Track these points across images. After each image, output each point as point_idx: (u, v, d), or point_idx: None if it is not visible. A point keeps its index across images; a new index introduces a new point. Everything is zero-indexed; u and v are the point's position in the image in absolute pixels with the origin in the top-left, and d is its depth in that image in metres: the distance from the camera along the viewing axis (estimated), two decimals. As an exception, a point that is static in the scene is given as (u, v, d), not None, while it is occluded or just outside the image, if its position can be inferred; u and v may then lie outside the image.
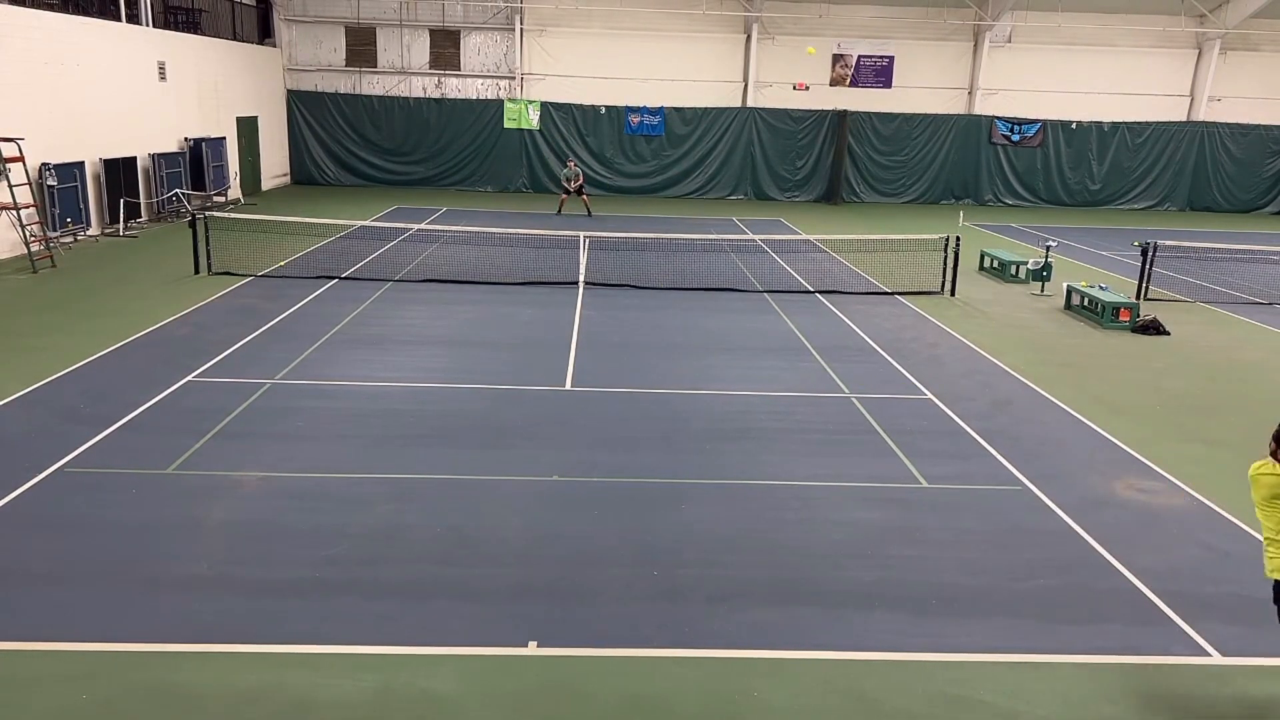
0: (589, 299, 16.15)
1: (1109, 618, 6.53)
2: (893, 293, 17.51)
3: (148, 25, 23.69)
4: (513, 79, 32.39)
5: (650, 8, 31.39)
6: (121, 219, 21.19)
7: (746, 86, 32.57)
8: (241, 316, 14.11)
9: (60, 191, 19.12)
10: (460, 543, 7.32)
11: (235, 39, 28.94)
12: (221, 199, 25.98)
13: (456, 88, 32.58)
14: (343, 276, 17.23)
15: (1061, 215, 31.71)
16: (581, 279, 17.67)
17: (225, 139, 26.96)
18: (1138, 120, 33.29)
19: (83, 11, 21.21)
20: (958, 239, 17.66)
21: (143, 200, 22.63)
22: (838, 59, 32.77)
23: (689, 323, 14.72)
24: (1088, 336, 14.82)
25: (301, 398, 10.61)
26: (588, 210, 27.02)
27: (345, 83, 32.33)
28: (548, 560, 7.09)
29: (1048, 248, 18.54)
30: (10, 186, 16.97)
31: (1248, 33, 32.57)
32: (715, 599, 6.62)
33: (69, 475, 8.30)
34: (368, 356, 12.30)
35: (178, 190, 23.75)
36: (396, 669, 5.71)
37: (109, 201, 21.14)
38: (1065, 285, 16.98)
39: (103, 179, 20.93)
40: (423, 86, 32.49)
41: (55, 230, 18.86)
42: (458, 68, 32.49)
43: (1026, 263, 18.73)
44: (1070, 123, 33.23)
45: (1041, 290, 18.11)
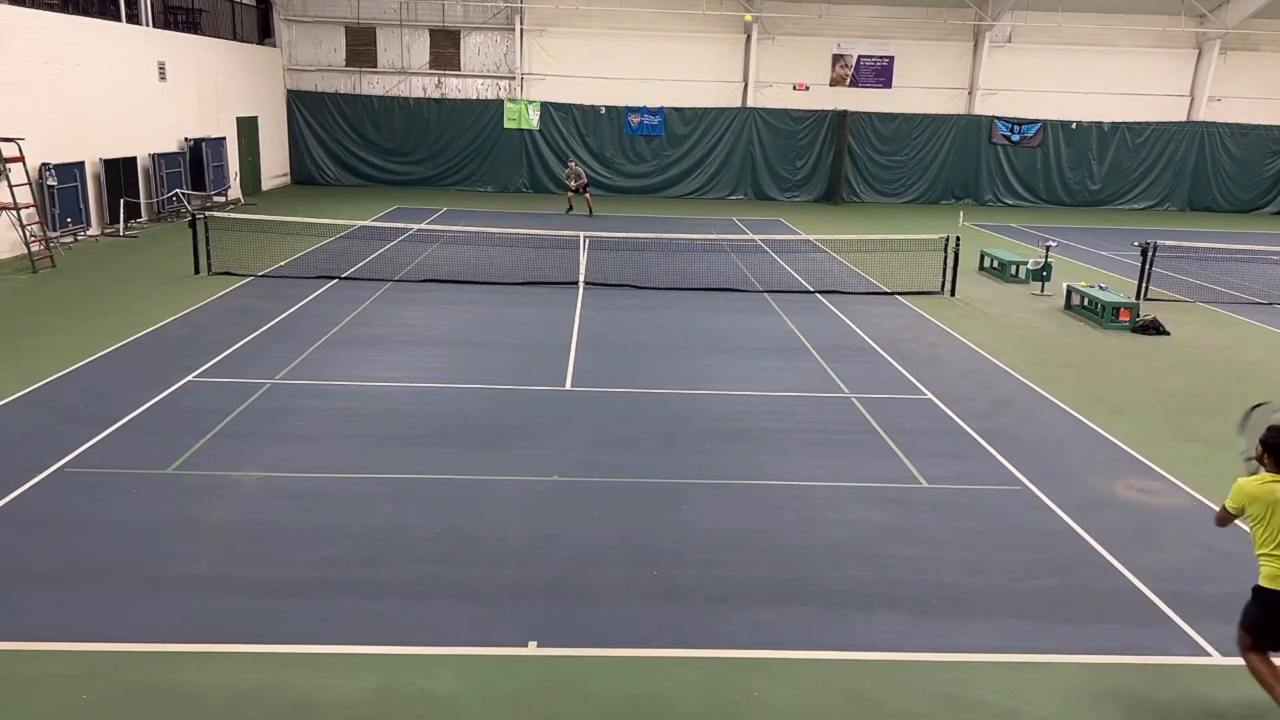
0: (589, 299, 16.15)
1: (1109, 618, 6.53)
2: (893, 293, 17.51)
3: (148, 25, 23.70)
4: (513, 79, 32.39)
5: (650, 8, 31.39)
6: (121, 219, 21.19)
7: (746, 86, 32.57)
8: (241, 316, 14.11)
9: (60, 191, 19.12)
10: (460, 543, 7.32)
11: (235, 39, 28.94)
12: (221, 199, 25.98)
13: (456, 88, 32.58)
14: (343, 276, 17.23)
15: (1061, 215, 31.71)
16: (581, 279, 17.67)
17: (225, 139, 26.96)
18: (1138, 120, 33.29)
19: (83, 11, 21.21)
20: (958, 239, 17.66)
21: (143, 200, 22.63)
22: (838, 59, 32.76)
23: (689, 323, 14.72)
24: (1088, 336, 14.82)
25: (301, 398, 10.62)
26: (589, 209, 27.05)
27: (345, 83, 32.33)
28: (548, 560, 7.09)
29: (1048, 248, 18.54)
30: (10, 186, 16.97)
31: (1248, 33, 32.57)
32: (715, 599, 6.62)
33: (69, 475, 8.30)
34: (368, 356, 12.30)
35: (178, 190, 23.75)
36: (396, 669, 5.71)
37: (109, 201, 21.15)
38: (1065, 285, 16.98)
39: (103, 179, 20.93)
40: (423, 86, 32.49)
41: (55, 230, 18.86)
42: (458, 68, 32.49)
43: (1026, 263, 18.73)
44: (1070, 123, 33.22)
45: (1041, 290, 18.11)
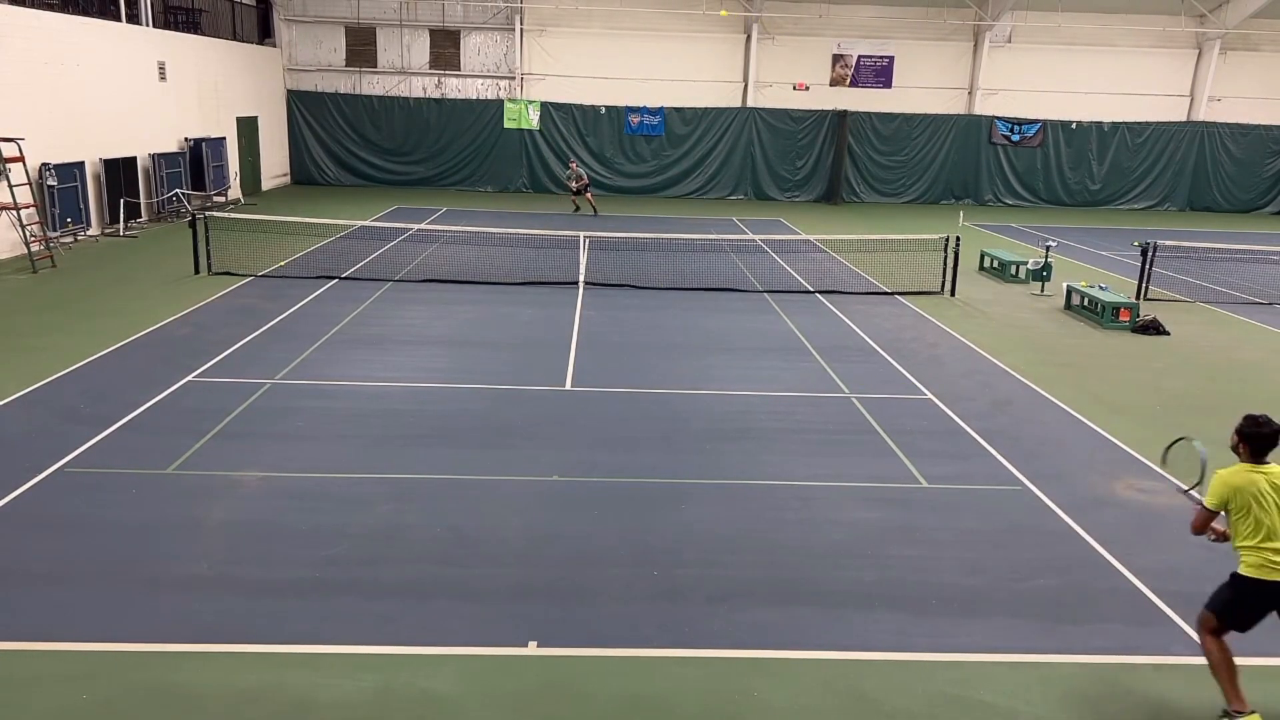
0: (589, 299, 16.15)
1: (1109, 618, 6.53)
2: (893, 293, 17.51)
3: (148, 25, 23.70)
4: (513, 79, 32.39)
5: (650, 8, 31.39)
6: (121, 219, 21.18)
7: (746, 86, 32.57)
8: (241, 316, 14.11)
9: (60, 191, 19.12)
10: (460, 543, 7.32)
11: (235, 39, 28.94)
12: (221, 199, 25.98)
13: (456, 88, 32.58)
14: (343, 276, 17.22)
15: (1061, 215, 31.71)
16: (581, 279, 17.66)
17: (225, 139, 26.96)
18: (1138, 120, 33.29)
19: (83, 11, 21.21)
20: (958, 239, 17.66)
21: (143, 200, 22.63)
22: (838, 59, 32.77)
23: (689, 323, 14.72)
24: (1088, 336, 14.82)
25: (301, 398, 10.62)
26: (593, 209, 27.09)
27: (345, 83, 32.33)
28: (548, 560, 7.09)
29: (1047, 248, 18.54)
30: (10, 186, 16.97)
31: (1248, 33, 32.57)
32: (715, 599, 6.62)
33: (69, 475, 8.30)
34: (368, 356, 12.30)
35: (178, 190, 23.75)
36: (396, 669, 5.70)
37: (109, 201, 21.15)
38: (1065, 285, 16.98)
39: (103, 179, 20.93)
40: (423, 86, 32.48)
41: (55, 230, 18.86)
42: (458, 68, 32.49)
43: (1026, 263, 18.73)
44: (1070, 123, 33.22)
45: (1041, 290, 18.11)
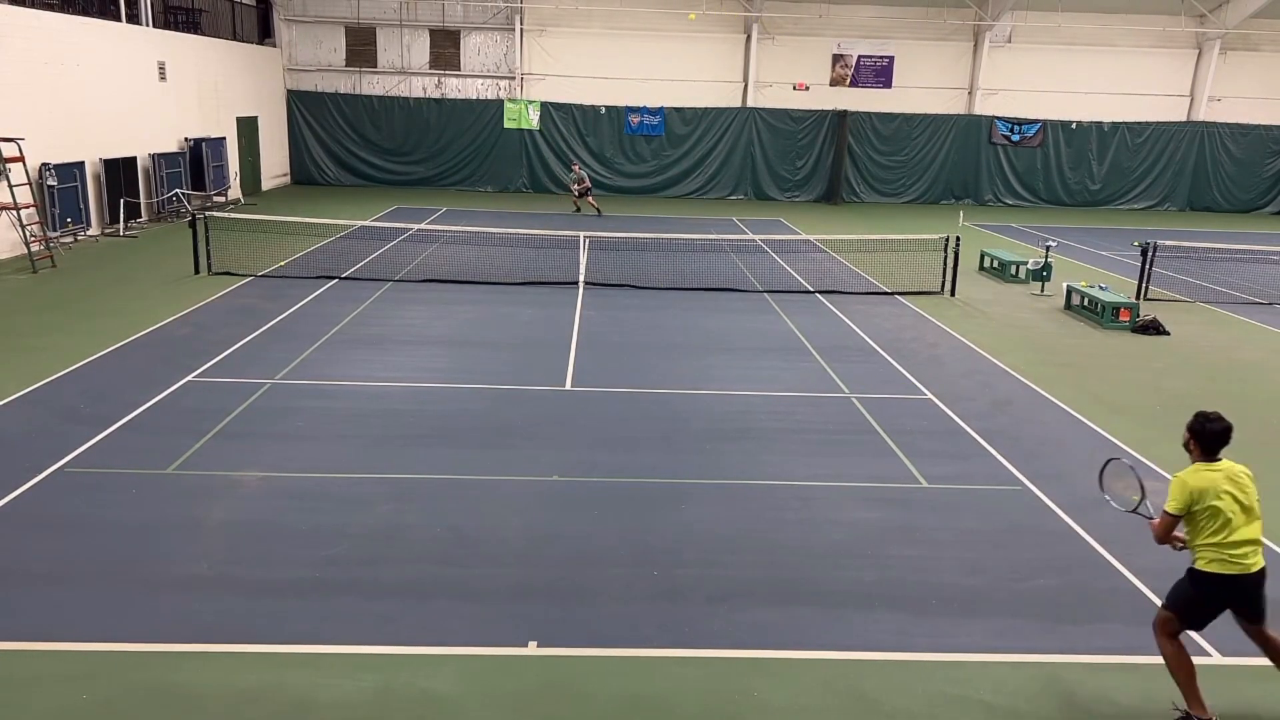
0: (589, 299, 16.15)
1: (1109, 618, 6.53)
2: (893, 293, 17.51)
3: (148, 25, 23.70)
4: (513, 79, 32.39)
5: (650, 8, 31.39)
6: (121, 219, 21.18)
7: (746, 86, 32.57)
8: (241, 316, 14.11)
9: (60, 191, 19.12)
10: (460, 543, 7.32)
11: (235, 39, 28.94)
12: (221, 199, 25.98)
13: (456, 88, 32.58)
14: (343, 276, 17.22)
15: (1061, 215, 31.71)
16: (581, 279, 17.66)
17: (225, 139, 26.96)
18: (1138, 120, 33.29)
19: (83, 11, 21.20)
20: (958, 239, 17.66)
21: (143, 200, 22.63)
22: (838, 59, 32.77)
23: (689, 323, 14.72)
24: (1088, 336, 14.82)
25: (301, 398, 10.62)
26: (596, 210, 27.10)
27: (345, 83, 32.33)
28: (548, 560, 7.09)
29: (1048, 248, 18.53)
30: (10, 186, 16.97)
31: (1248, 33, 32.57)
32: (715, 599, 6.62)
33: (69, 475, 8.30)
34: (368, 356, 12.30)
35: (178, 190, 23.75)
36: (396, 669, 5.71)
37: (109, 201, 21.15)
38: (1065, 285, 16.98)
39: (103, 179, 20.93)
40: (423, 86, 32.48)
41: (55, 230, 18.86)
42: (458, 68, 32.49)
43: (1026, 263, 18.73)
44: (1070, 123, 33.22)
45: (1041, 290, 18.11)
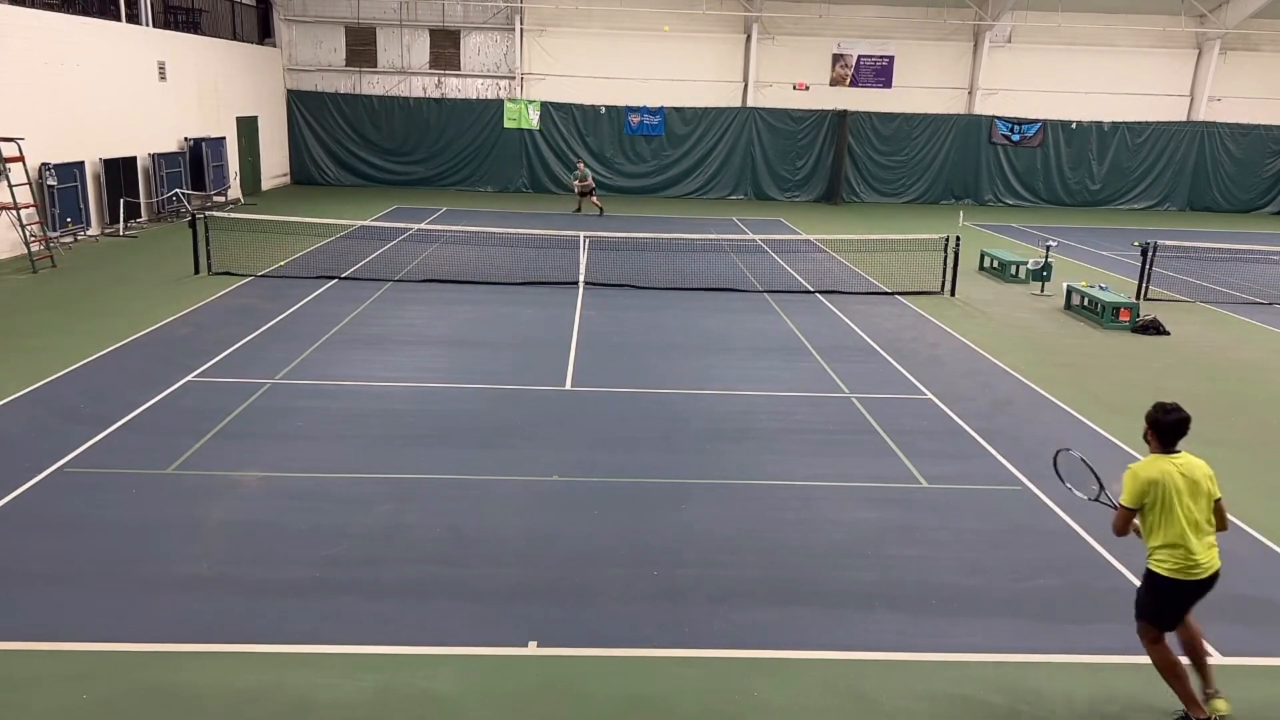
0: (589, 299, 16.15)
1: (1109, 617, 6.52)
2: (893, 293, 17.51)
3: (148, 25, 23.69)
4: (513, 79, 32.39)
5: (650, 8, 31.38)
6: (121, 219, 21.18)
7: (746, 86, 32.57)
8: (241, 316, 14.11)
9: (60, 191, 19.12)
10: (460, 543, 7.32)
11: (235, 39, 28.94)
12: (221, 199, 25.98)
13: (456, 88, 32.58)
14: (343, 276, 17.22)
15: (1061, 215, 31.71)
16: (581, 279, 17.66)
17: (225, 139, 26.96)
18: (1138, 120, 33.29)
19: (83, 11, 21.20)
20: (958, 239, 17.66)
21: (143, 200, 22.63)
22: (838, 59, 32.77)
23: (689, 323, 14.72)
24: (1088, 336, 14.82)
25: (301, 398, 10.62)
26: (599, 210, 27.11)
27: (345, 83, 32.33)
28: (548, 560, 7.09)
29: (1048, 248, 18.53)
30: (10, 186, 16.97)
31: (1248, 33, 32.57)
32: (715, 599, 6.62)
33: (69, 475, 8.30)
34: (368, 356, 12.30)
35: (178, 190, 23.75)
36: (396, 669, 5.70)
37: (109, 201, 21.15)
38: (1065, 285, 16.98)
39: (103, 179, 20.93)
40: (423, 86, 32.48)
41: (55, 230, 18.86)
42: (458, 68, 32.49)
43: (1026, 263, 18.73)
44: (1070, 123, 33.22)
45: (1041, 290, 18.11)
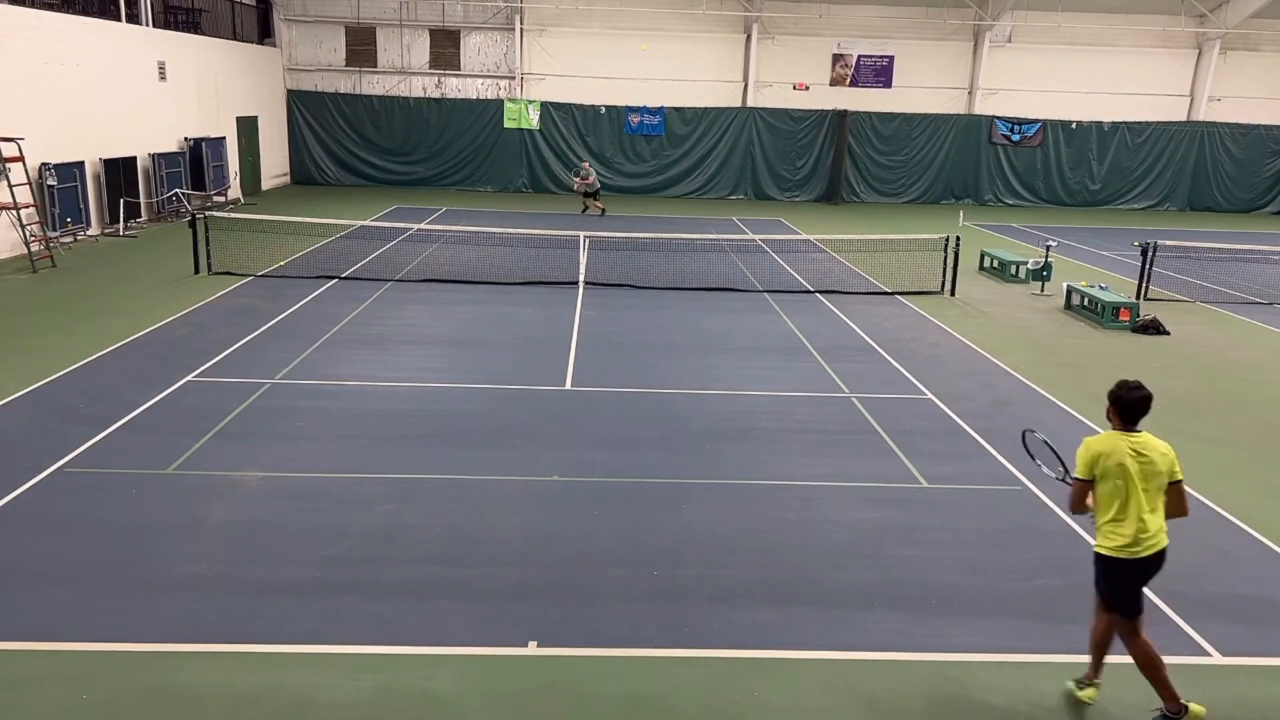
0: (589, 299, 16.15)
1: (1109, 618, 6.52)
2: (893, 293, 17.51)
3: (148, 25, 23.69)
4: (513, 79, 32.39)
5: (650, 8, 31.38)
6: (121, 219, 21.18)
7: (746, 86, 32.57)
8: (241, 316, 14.11)
9: (60, 191, 19.12)
10: (460, 543, 7.32)
11: (235, 39, 28.94)
12: (221, 199, 25.98)
13: (456, 88, 32.58)
14: (343, 276, 17.22)
15: (1061, 215, 31.71)
16: (581, 279, 17.66)
17: (225, 139, 26.96)
18: (1138, 120, 33.29)
19: (83, 11, 21.20)
20: (958, 239, 17.66)
21: (143, 200, 22.63)
22: (838, 59, 32.77)
23: (689, 323, 14.72)
24: (1088, 336, 14.82)
25: (301, 398, 10.61)
26: (601, 210, 27.12)
27: (345, 83, 32.33)
28: (548, 560, 7.09)
29: (1048, 248, 18.53)
30: (10, 186, 16.97)
31: (1248, 33, 32.57)
32: (715, 599, 6.62)
33: (69, 475, 8.30)
34: (368, 356, 12.30)
35: (178, 190, 23.75)
36: (396, 669, 5.70)
37: (109, 201, 21.14)
38: (1065, 285, 16.98)
39: (103, 179, 20.93)
40: (423, 86, 32.48)
41: (55, 230, 18.86)
42: (458, 68, 32.49)
43: (1026, 263, 18.73)
44: (1070, 123, 33.22)
45: (1041, 290, 18.11)
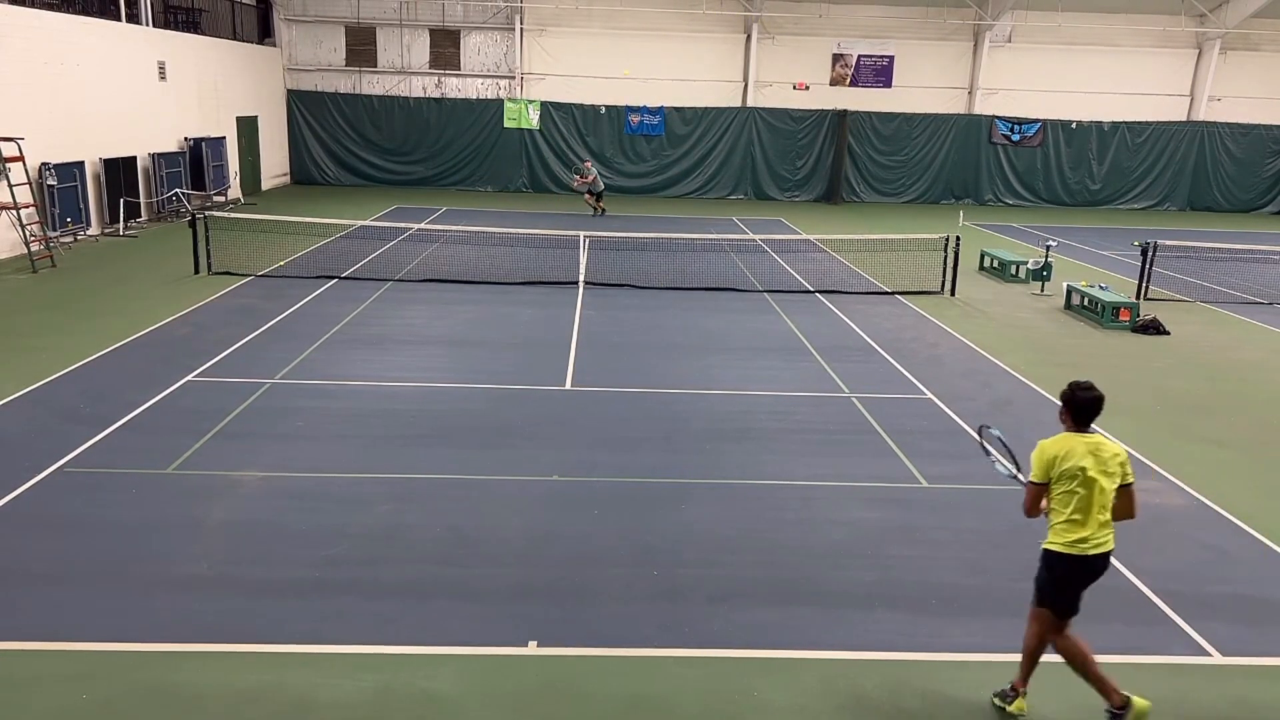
0: (589, 299, 16.15)
1: (1109, 618, 6.52)
2: (893, 293, 17.51)
3: (148, 25, 23.69)
4: (513, 79, 32.39)
5: (650, 7, 31.38)
6: (121, 219, 21.18)
7: (746, 86, 32.56)
8: (241, 316, 14.11)
9: (60, 191, 19.12)
10: (460, 543, 7.32)
11: (235, 39, 28.94)
12: (221, 199, 25.98)
13: (456, 87, 32.58)
14: (343, 276, 17.22)
15: (1061, 215, 31.70)
16: (581, 279, 17.66)
17: (225, 139, 26.96)
18: (1138, 120, 33.29)
19: (83, 11, 21.20)
20: (958, 239, 17.66)
21: (143, 200, 22.63)
22: (838, 59, 32.77)
23: (689, 323, 14.72)
24: (1088, 336, 14.82)
25: (301, 398, 10.61)
26: (601, 210, 27.07)
27: (345, 83, 32.33)
28: (548, 560, 7.09)
29: (1048, 247, 18.53)
30: (10, 186, 16.97)
31: (1248, 33, 32.57)
32: (715, 599, 6.62)
33: (69, 475, 8.30)
34: (368, 356, 12.30)
35: (178, 190, 23.74)
36: (396, 669, 5.70)
37: (109, 201, 21.14)
38: (1065, 285, 16.98)
39: (103, 179, 20.93)
40: (423, 86, 32.48)
41: (55, 230, 18.86)
42: (458, 67, 32.49)
43: (1026, 263, 18.73)
44: (1070, 123, 33.22)
45: (1041, 290, 18.11)
